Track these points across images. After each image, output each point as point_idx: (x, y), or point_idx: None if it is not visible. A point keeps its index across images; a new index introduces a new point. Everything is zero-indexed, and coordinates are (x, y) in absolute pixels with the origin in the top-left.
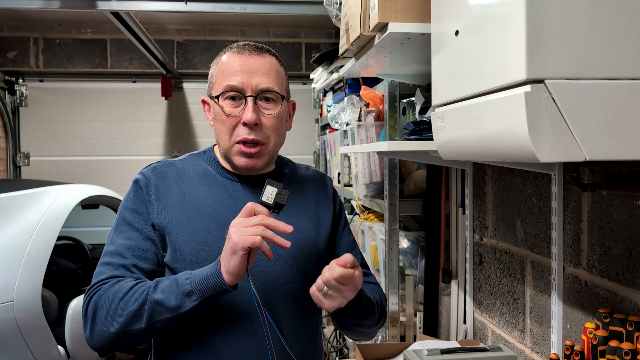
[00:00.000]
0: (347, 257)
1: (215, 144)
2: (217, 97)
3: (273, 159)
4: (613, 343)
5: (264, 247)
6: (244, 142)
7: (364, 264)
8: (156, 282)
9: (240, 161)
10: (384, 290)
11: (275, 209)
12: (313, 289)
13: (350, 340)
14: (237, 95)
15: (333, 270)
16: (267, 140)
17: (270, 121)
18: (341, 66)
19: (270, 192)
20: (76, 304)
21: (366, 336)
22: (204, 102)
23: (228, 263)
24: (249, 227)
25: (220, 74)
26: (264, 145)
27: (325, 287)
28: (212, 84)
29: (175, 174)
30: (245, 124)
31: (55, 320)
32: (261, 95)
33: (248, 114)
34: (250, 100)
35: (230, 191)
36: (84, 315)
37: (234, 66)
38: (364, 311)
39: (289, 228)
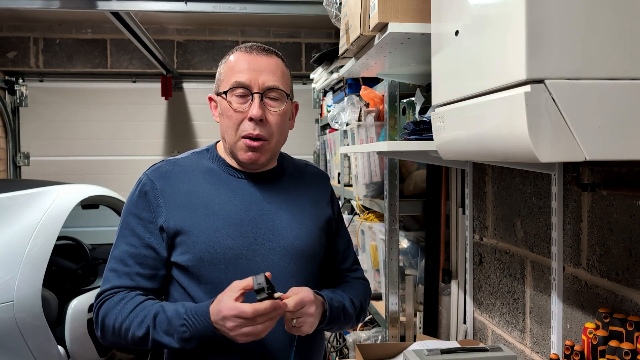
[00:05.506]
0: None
1: (217, 142)
2: (225, 93)
3: (275, 155)
4: (613, 343)
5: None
6: (249, 137)
7: (355, 261)
8: (154, 315)
9: (245, 155)
10: (384, 290)
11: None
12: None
13: (351, 340)
14: (244, 92)
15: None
16: (271, 137)
17: (275, 118)
18: (341, 66)
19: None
20: (76, 304)
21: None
22: (210, 99)
23: (226, 335)
24: (250, 326)
25: (228, 71)
26: (266, 141)
27: (293, 320)
28: (220, 81)
29: (180, 173)
30: (251, 119)
31: (55, 320)
32: (267, 93)
33: (254, 110)
34: (256, 96)
35: (235, 188)
36: (95, 318)
37: (242, 64)
38: (343, 321)
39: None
